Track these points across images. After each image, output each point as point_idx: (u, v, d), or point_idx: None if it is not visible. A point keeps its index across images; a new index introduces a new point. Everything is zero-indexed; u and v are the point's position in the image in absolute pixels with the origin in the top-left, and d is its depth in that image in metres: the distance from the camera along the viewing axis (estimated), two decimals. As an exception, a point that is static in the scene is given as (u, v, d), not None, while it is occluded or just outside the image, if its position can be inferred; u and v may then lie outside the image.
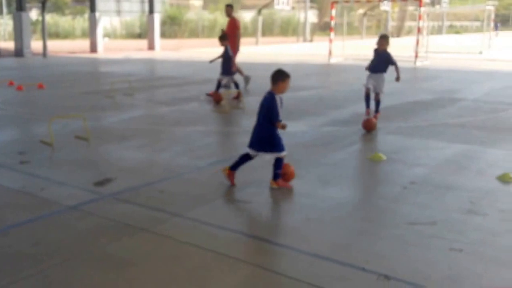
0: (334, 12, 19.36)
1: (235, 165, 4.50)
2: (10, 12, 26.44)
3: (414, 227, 3.63)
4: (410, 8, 41.25)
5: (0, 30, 34.38)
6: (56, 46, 25.87)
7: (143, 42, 27.92)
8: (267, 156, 4.41)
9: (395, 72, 7.12)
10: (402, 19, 45.29)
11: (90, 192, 4.31)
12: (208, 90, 10.76)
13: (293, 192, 4.39)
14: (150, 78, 13.47)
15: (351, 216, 3.98)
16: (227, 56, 9.58)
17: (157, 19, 25.60)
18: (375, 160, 5.34)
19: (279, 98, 4.32)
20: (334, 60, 19.02)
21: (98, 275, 2.92)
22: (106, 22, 36.53)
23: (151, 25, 25.47)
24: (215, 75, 11.19)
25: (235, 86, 9.60)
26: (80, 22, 39.08)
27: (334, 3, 19.36)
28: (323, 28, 39.26)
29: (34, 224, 3.66)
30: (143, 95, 10.04)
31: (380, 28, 46.20)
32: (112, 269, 3.00)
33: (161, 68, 17.23)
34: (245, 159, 4.49)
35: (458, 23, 64.04)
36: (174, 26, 40.80)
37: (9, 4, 37.04)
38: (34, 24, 30.58)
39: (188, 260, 3.11)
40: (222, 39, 9.64)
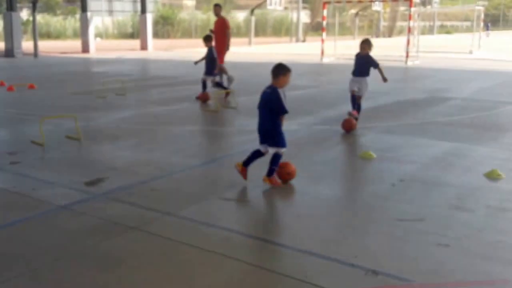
0: (325, 12, 19.46)
1: (247, 161, 4.51)
2: (0, 12, 26.24)
3: (402, 223, 3.68)
4: (402, 8, 41.52)
5: (-9, 30, 34.11)
6: (47, 47, 25.74)
7: (136, 42, 27.86)
8: (271, 150, 4.40)
9: (379, 74, 7.05)
10: (393, 19, 45.56)
11: (81, 191, 4.32)
12: (200, 90, 10.79)
13: (284, 189, 4.43)
14: (142, 78, 13.46)
15: (340, 213, 4.03)
16: (211, 56, 9.68)
17: (149, 19, 25.56)
18: (366, 158, 5.39)
19: (282, 92, 4.33)
20: (326, 60, 19.11)
21: (89, 273, 2.94)
22: (98, 22, 36.40)
23: (144, 25, 25.42)
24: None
25: (218, 85, 9.63)
26: (72, 22, 38.90)
27: (326, 3, 19.47)
28: (316, 28, 39.38)
29: (25, 224, 3.67)
30: (135, 95, 10.04)
31: (372, 28, 46.43)
32: (103, 267, 3.01)
33: (153, 68, 17.22)
34: (256, 155, 4.50)
35: (449, 23, 64.54)
36: (167, 26, 40.72)
37: (-1, 4, 36.74)
38: (24, 24, 30.40)
39: (177, 258, 3.14)
40: (206, 40, 9.73)
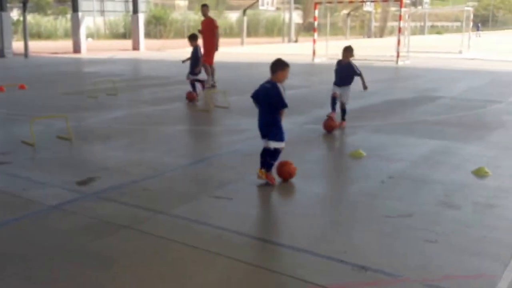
0: (317, 12, 19.54)
1: (262, 164, 4.50)
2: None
3: (391, 220, 3.73)
4: (393, 9, 41.77)
5: (-20, 30, 33.79)
6: (38, 47, 25.56)
7: (128, 42, 27.74)
8: (271, 144, 4.42)
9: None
10: (384, 19, 45.82)
11: (73, 191, 4.32)
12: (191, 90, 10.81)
13: (275, 187, 4.47)
14: (134, 78, 13.44)
15: (330, 210, 4.08)
16: (196, 56, 9.75)
17: (141, 19, 25.49)
18: (356, 156, 5.45)
19: (282, 86, 4.37)
20: (318, 60, 19.19)
21: (81, 272, 2.96)
22: (90, 22, 36.20)
23: (135, 25, 25.34)
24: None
25: (193, 86, 9.68)
26: (63, 22, 38.65)
27: (317, 3, 19.55)
28: (308, 28, 39.46)
29: (16, 224, 3.67)
30: (127, 95, 10.02)
31: (364, 29, 46.68)
32: (95, 266, 3.03)
33: (145, 68, 17.18)
34: (266, 154, 4.51)
35: (439, 24, 65.01)
36: (159, 26, 40.60)
37: (-11, 4, 36.39)
38: (15, 24, 30.14)
39: (170, 256, 3.16)
40: (192, 39, 9.78)
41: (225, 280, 2.89)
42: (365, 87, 6.79)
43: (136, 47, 25.11)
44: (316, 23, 19.76)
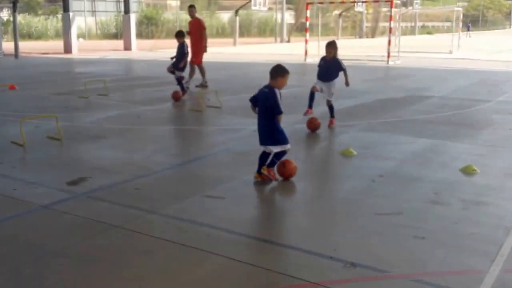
0: (309, 13, 19.61)
1: (260, 167, 4.53)
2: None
3: (380, 217, 3.78)
4: (384, 9, 42.00)
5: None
6: (28, 47, 25.37)
7: (119, 43, 27.64)
8: (276, 149, 4.45)
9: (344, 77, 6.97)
10: (376, 20, 46.03)
11: (63, 191, 4.32)
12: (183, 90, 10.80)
13: (266, 186, 4.49)
14: (125, 78, 13.39)
15: (321, 209, 4.11)
16: (182, 51, 9.78)
17: (133, 19, 25.42)
18: (346, 155, 5.49)
19: (279, 92, 4.42)
20: (310, 60, 19.23)
21: (71, 271, 2.96)
22: (81, 22, 36.00)
23: (127, 25, 25.26)
24: (196, 75, 11.24)
25: (178, 82, 9.69)
26: (54, 23, 38.42)
27: (309, 4, 19.62)
28: (300, 28, 39.56)
29: (6, 224, 3.66)
30: (118, 95, 10.00)
31: (355, 29, 46.89)
32: (85, 265, 3.03)
33: (137, 68, 17.14)
34: (264, 158, 4.54)
35: (430, 24, 65.45)
36: (151, 26, 40.49)
37: (-21, 4, 36.09)
38: (5, 24, 29.92)
39: (160, 254, 3.17)
40: (179, 36, 9.81)
41: (215, 277, 2.90)
42: (347, 83, 6.81)
43: (127, 47, 25.03)
44: (308, 23, 19.83)
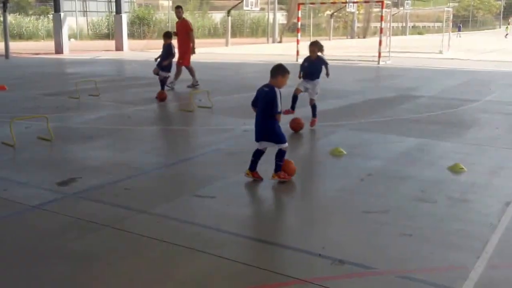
0: (300, 13, 19.70)
1: (252, 164, 4.57)
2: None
3: (368, 215, 3.83)
4: (375, 9, 42.23)
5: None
6: (19, 48, 25.18)
7: (111, 43, 27.53)
8: (269, 146, 4.54)
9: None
10: (367, 20, 46.26)
11: (54, 191, 4.32)
12: (177, 89, 10.81)
13: (256, 186, 4.53)
14: (117, 79, 13.36)
15: (310, 207, 4.16)
16: (169, 52, 9.85)
17: (124, 19, 25.33)
18: (336, 154, 5.54)
19: (279, 92, 4.48)
20: (301, 60, 19.33)
21: (62, 271, 2.97)
22: (72, 22, 35.79)
23: (119, 25, 25.17)
24: (184, 76, 11.24)
25: (162, 83, 9.70)
26: (45, 23, 38.16)
27: (301, 4, 19.72)
28: (292, 29, 39.68)
29: (-4, 223, 3.67)
30: (109, 95, 9.98)
31: (347, 29, 47.08)
32: (75, 265, 3.05)
33: (128, 69, 17.09)
34: (257, 155, 4.59)
35: (421, 24, 65.89)
36: (143, 27, 40.36)
37: (-32, 4, 35.75)
38: (-5, 24, 29.62)
39: (150, 253, 3.20)
40: (166, 36, 9.85)
41: (205, 276, 2.93)
42: (328, 74, 6.87)
43: (119, 47, 24.94)
44: (299, 23, 19.91)
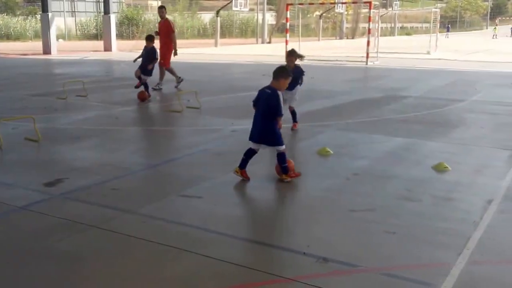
0: (289, 14, 19.77)
1: (243, 163, 4.61)
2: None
3: (353, 214, 3.88)
4: (364, 10, 42.51)
5: None
6: (7, 48, 24.96)
7: (100, 43, 27.38)
8: (267, 149, 4.60)
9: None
10: (356, 21, 46.55)
11: (40, 192, 4.31)
12: (165, 90, 10.81)
13: (244, 186, 4.56)
14: (105, 79, 13.31)
15: (296, 206, 4.20)
16: (153, 56, 9.81)
17: (113, 19, 25.21)
18: (323, 154, 5.60)
19: (281, 95, 4.53)
20: (290, 61, 19.40)
21: (49, 271, 2.97)
22: (60, 22, 35.51)
23: (107, 26, 25.05)
24: (170, 76, 11.24)
25: (145, 86, 9.69)
26: (33, 23, 37.82)
27: (289, 5, 19.80)
28: (281, 29, 39.77)
29: (-19, 225, 3.65)
30: (97, 96, 9.94)
31: (336, 30, 47.32)
32: (62, 265, 3.05)
33: (116, 69, 17.02)
34: (249, 154, 4.63)
35: (409, 25, 66.45)
36: (132, 27, 40.20)
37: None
38: (-18, 25, 29.31)
39: (136, 253, 3.21)
40: (149, 39, 9.85)
41: (191, 275, 2.96)
42: (301, 83, 6.94)
43: (108, 48, 24.82)
44: (288, 24, 19.99)
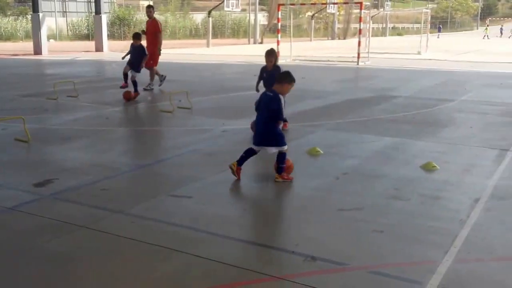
0: (280, 14, 19.82)
1: (241, 160, 4.67)
2: None
3: (342, 213, 3.92)
4: (356, 11, 42.68)
5: None
6: (-4, 48, 24.74)
7: (91, 44, 27.25)
8: (272, 150, 4.65)
9: None
10: (347, 21, 46.73)
11: (30, 193, 4.30)
12: (156, 90, 10.79)
13: (234, 186, 4.58)
14: (96, 80, 13.26)
15: (285, 206, 4.23)
16: (144, 54, 9.89)
17: (104, 20, 25.10)
18: (313, 154, 5.63)
19: (283, 99, 4.60)
20: (282, 61, 19.40)
21: (38, 271, 2.97)
22: (51, 23, 35.29)
23: (98, 26, 24.94)
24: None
25: (134, 85, 9.72)
26: (23, 23, 37.53)
27: (281, 5, 19.85)
28: (273, 30, 39.84)
29: (-31, 226, 3.64)
30: (87, 96, 9.91)
31: (328, 30, 47.48)
32: (52, 265, 3.05)
33: (108, 70, 16.94)
34: (249, 153, 4.69)
35: (400, 25, 66.85)
36: (123, 27, 40.04)
37: None
38: (-29, 25, 29.05)
39: (127, 253, 3.22)
40: (136, 38, 9.87)
41: (180, 274, 2.97)
42: None
43: (99, 48, 24.70)
44: (279, 24, 20.04)
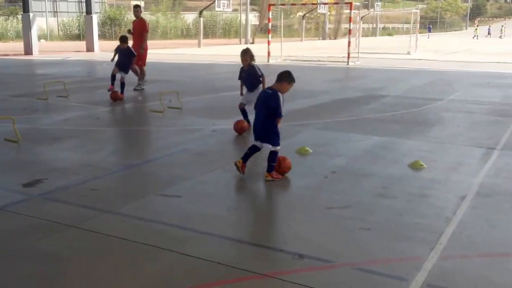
0: (270, 14, 19.87)
1: (245, 156, 4.75)
2: None
3: (330, 211, 3.97)
4: (346, 11, 42.88)
5: None
6: (-15, 48, 24.50)
7: (82, 44, 27.10)
8: (268, 146, 4.73)
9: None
10: (338, 21, 46.91)
11: (19, 193, 4.30)
12: (146, 90, 10.78)
13: (222, 185, 4.61)
14: (86, 80, 13.21)
15: (274, 205, 4.27)
16: (132, 54, 9.97)
17: (95, 20, 24.98)
18: (302, 153, 5.68)
19: (282, 97, 4.64)
20: (273, 61, 19.47)
21: (27, 271, 2.98)
22: (42, 23, 35.03)
23: (89, 26, 24.81)
24: (152, 75, 11.23)
25: (121, 86, 9.68)
26: (14, 23, 37.20)
27: (271, 5, 19.89)
28: (264, 30, 39.88)
29: (-42, 226, 3.63)
30: (78, 96, 9.88)
31: (319, 30, 47.63)
32: (40, 264, 3.06)
33: (98, 70, 16.87)
34: (253, 150, 4.78)
35: (390, 25, 67.25)
36: (114, 27, 39.85)
37: None
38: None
39: (116, 252, 3.24)
40: (123, 41, 9.89)
41: (168, 272, 3.00)
42: (263, 87, 6.73)
43: (90, 48, 24.58)
44: (270, 24, 20.08)
